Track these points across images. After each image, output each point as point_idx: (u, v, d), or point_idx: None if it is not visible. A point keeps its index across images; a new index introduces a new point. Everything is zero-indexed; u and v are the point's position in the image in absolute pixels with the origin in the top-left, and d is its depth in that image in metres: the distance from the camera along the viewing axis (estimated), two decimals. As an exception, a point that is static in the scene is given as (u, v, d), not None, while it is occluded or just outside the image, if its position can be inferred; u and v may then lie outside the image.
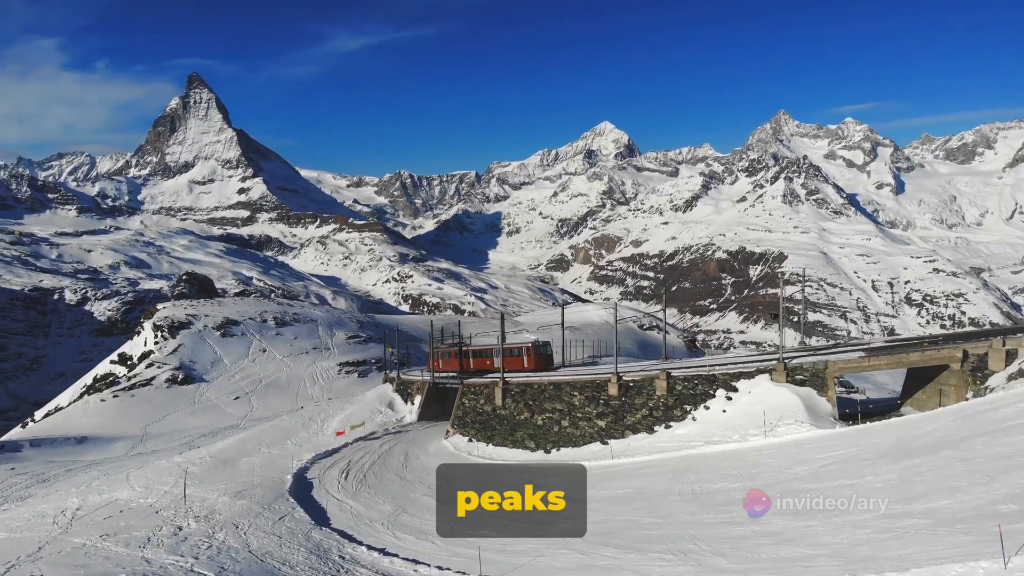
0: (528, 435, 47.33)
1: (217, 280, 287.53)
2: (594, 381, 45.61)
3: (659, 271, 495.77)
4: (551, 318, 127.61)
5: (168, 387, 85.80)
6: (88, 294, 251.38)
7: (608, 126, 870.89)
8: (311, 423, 62.38)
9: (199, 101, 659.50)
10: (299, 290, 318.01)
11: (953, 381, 36.07)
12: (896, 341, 47.01)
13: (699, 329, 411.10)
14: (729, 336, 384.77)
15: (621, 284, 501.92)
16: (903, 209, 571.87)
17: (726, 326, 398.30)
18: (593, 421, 44.22)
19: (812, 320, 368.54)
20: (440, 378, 62.95)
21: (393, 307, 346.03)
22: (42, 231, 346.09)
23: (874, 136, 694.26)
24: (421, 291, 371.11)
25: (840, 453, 28.41)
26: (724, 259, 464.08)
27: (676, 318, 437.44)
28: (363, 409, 65.56)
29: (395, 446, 52.04)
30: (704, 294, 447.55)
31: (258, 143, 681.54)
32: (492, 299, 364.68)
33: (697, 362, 49.95)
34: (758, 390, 38.59)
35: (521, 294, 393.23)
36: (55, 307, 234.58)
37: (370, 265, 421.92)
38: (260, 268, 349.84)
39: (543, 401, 47.59)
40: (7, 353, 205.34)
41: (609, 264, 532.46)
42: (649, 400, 42.46)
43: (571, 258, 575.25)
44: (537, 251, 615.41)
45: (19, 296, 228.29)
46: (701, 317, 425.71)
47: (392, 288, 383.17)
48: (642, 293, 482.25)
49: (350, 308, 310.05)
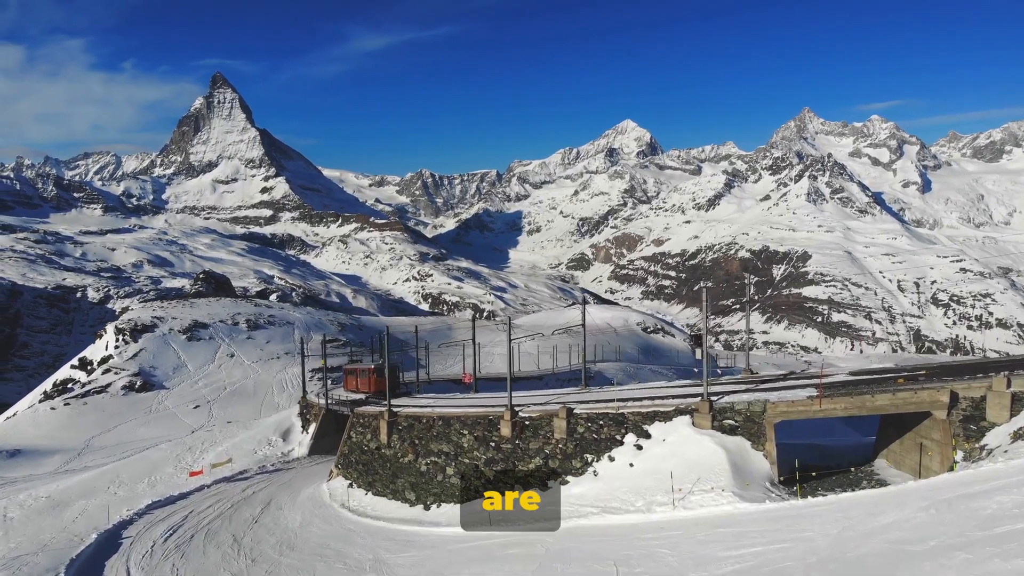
0: (410, 484, 39.27)
1: (239, 279, 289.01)
2: (486, 417, 36.80)
3: (681, 270, 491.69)
4: (552, 320, 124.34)
5: (124, 395, 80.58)
6: (111, 292, 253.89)
7: (630, 124, 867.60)
8: (189, 454, 55.05)
9: (223, 101, 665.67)
10: (320, 289, 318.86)
11: (937, 435, 27.23)
12: (865, 373, 36.80)
13: (721, 329, 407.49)
14: (752, 336, 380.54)
15: (642, 283, 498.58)
16: (930, 208, 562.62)
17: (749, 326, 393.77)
18: (481, 470, 35.93)
19: (836, 321, 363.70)
20: (334, 404, 53.80)
21: (413, 306, 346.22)
22: (67, 230, 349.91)
23: (900, 134, 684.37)
24: (441, 290, 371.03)
25: (757, 552, 19.69)
26: (747, 258, 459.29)
27: (698, 318, 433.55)
28: (252, 438, 57.40)
29: (261, 491, 44.15)
30: (726, 294, 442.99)
31: (281, 142, 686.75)
32: (512, 298, 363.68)
33: (606, 395, 40.53)
34: (675, 438, 30.34)
35: (541, 293, 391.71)
36: (78, 305, 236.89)
37: (390, 264, 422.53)
38: (282, 267, 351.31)
39: (429, 440, 39.30)
40: (30, 351, 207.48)
41: (630, 263, 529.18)
42: (546, 445, 33.91)
43: (592, 257, 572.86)
44: (558, 250, 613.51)
45: (43, 294, 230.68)
46: (723, 317, 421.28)
47: (412, 287, 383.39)
48: (663, 293, 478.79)
49: (370, 306, 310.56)
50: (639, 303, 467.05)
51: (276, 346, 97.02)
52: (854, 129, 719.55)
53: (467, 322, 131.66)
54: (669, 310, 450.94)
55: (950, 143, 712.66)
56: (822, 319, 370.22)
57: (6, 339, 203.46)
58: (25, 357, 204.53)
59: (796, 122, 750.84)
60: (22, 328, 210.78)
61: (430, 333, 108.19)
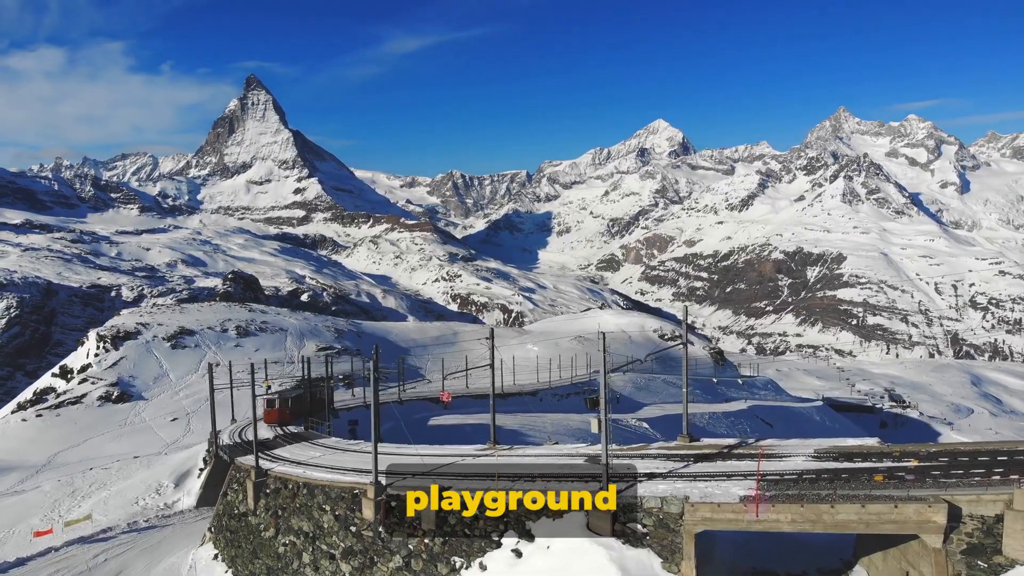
0: (266, 567, 31.27)
1: (271, 278, 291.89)
2: (351, 489, 27.55)
3: (713, 271, 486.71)
4: (565, 326, 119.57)
5: (100, 405, 75.38)
6: (144, 291, 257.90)
7: (662, 124, 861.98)
8: (70, 499, 45.91)
9: (256, 103, 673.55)
10: (350, 289, 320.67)
11: (926, 568, 18.78)
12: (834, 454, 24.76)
13: (754, 332, 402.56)
14: (785, 339, 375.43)
15: (673, 285, 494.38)
16: (968, 209, 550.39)
17: (782, 329, 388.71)
18: (338, 564, 27.35)
19: (871, 324, 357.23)
20: (226, 445, 42.74)
21: (442, 306, 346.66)
22: (103, 229, 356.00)
23: (938, 134, 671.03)
24: (469, 290, 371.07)
25: None
26: (781, 260, 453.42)
27: (731, 320, 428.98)
28: (143, 482, 47.62)
29: (116, 558, 36.05)
30: (760, 295, 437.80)
31: (314, 144, 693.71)
32: (540, 299, 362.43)
33: (506, 458, 31.10)
34: (562, 545, 22.39)
35: (569, 294, 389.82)
36: (112, 304, 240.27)
37: (420, 264, 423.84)
38: (313, 267, 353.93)
39: (291, 513, 30.65)
40: (65, 349, 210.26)
41: (661, 264, 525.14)
42: (412, 535, 25.13)
43: (622, 258, 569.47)
44: (587, 251, 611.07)
45: (78, 293, 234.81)
46: (756, 319, 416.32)
47: (441, 287, 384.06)
48: (695, 294, 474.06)
49: (399, 306, 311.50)
50: (670, 304, 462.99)
51: (265, 354, 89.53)
52: (891, 129, 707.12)
53: (474, 329, 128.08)
54: (700, 312, 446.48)
55: (989, 143, 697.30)
56: (857, 322, 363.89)
57: (41, 337, 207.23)
58: (59, 355, 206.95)
59: (831, 121, 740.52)
60: (56, 326, 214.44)
61: (435, 340, 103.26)
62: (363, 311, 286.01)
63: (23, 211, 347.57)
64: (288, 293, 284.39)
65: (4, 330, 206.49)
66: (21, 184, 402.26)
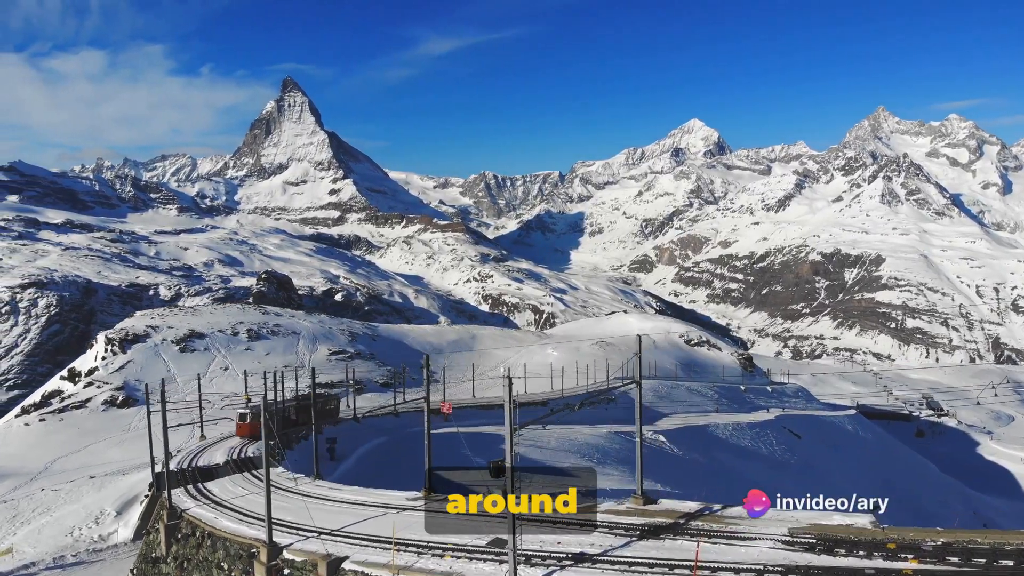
0: None
1: (306, 278, 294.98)
2: (250, 547, 23.51)
3: (749, 273, 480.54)
4: (588, 330, 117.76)
5: (104, 410, 73.51)
6: (181, 290, 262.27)
7: (697, 123, 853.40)
8: (10, 524, 41.36)
9: (293, 104, 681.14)
10: (383, 289, 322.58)
11: None
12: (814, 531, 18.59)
13: (790, 335, 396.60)
14: (822, 342, 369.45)
15: (708, 286, 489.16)
16: (1011, 210, 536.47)
17: (819, 331, 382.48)
18: None
19: (911, 327, 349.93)
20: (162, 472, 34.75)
21: (473, 306, 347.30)
22: (142, 229, 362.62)
23: (980, 133, 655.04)
24: (501, 291, 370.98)
25: None
26: (818, 261, 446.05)
27: (767, 322, 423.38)
28: (85, 508, 42.13)
29: None
30: (796, 298, 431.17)
31: (349, 145, 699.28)
32: (572, 300, 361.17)
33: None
34: None
35: (601, 295, 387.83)
36: (150, 302, 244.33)
37: (452, 265, 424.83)
38: (347, 267, 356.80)
39: (194, 567, 26.56)
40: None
41: (696, 265, 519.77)
42: None
43: (655, 259, 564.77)
44: (620, 252, 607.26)
45: (116, 291, 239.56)
46: (793, 322, 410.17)
47: (472, 288, 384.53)
48: (730, 296, 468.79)
49: (431, 307, 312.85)
50: (704, 306, 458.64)
51: (276, 358, 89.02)
52: (931, 128, 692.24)
53: (492, 333, 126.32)
54: (736, 314, 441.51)
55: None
56: (896, 325, 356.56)
57: (80, 335, 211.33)
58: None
59: (870, 121, 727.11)
60: (95, 324, 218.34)
61: (452, 344, 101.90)
62: (396, 311, 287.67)
63: (65, 211, 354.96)
64: (322, 293, 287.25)
65: (44, 327, 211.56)
66: (63, 184, 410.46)
